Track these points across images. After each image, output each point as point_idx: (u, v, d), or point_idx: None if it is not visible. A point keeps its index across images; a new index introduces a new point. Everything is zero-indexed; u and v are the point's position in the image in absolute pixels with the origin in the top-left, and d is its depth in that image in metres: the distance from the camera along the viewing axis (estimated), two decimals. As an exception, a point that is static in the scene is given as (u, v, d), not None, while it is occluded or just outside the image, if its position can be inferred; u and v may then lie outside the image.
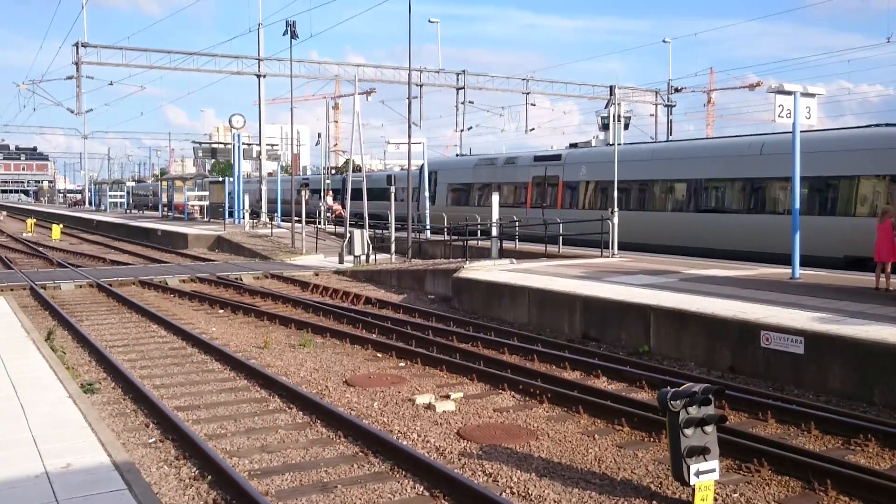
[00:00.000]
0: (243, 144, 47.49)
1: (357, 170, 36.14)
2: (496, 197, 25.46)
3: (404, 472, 7.56)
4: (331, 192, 47.80)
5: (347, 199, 31.76)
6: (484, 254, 23.84)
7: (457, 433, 8.90)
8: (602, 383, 11.21)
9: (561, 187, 29.86)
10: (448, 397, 10.29)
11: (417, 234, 29.73)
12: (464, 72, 49.39)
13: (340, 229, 34.97)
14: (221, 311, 17.74)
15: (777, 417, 9.30)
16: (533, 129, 54.74)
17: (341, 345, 14.01)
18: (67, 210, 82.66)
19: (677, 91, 54.64)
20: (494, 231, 24.41)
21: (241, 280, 22.71)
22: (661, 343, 12.85)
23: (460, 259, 22.80)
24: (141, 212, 69.30)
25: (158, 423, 9.08)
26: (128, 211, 70.96)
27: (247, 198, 43.57)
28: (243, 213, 42.59)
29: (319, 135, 72.45)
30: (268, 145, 47.17)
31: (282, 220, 42.83)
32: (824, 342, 10.49)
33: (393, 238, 26.95)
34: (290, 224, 32.28)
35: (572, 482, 7.44)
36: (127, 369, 11.53)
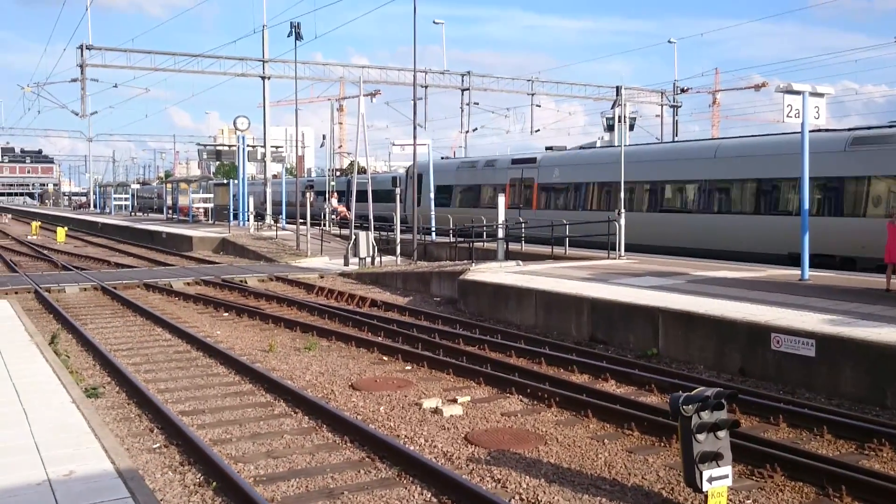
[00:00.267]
0: (248, 146, 47.50)
1: (362, 172, 36.04)
2: (502, 199, 25.39)
3: (412, 478, 7.45)
4: (336, 194, 47.72)
5: (352, 201, 31.70)
6: (490, 256, 23.74)
7: (464, 438, 8.79)
8: (611, 387, 11.09)
9: (536, 189, 31.00)
10: (455, 401, 10.18)
11: (422, 236, 29.63)
12: (469, 73, 49.34)
13: (345, 231, 34.91)
14: (226, 314, 17.66)
15: (789, 421, 9.17)
16: (538, 131, 54.66)
17: (347, 348, 13.91)
18: (72, 213, 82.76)
19: (683, 92, 54.49)
20: (500, 233, 24.31)
21: (246, 283, 22.64)
22: (670, 346, 12.73)
23: (466, 261, 22.72)
24: (146, 214, 69.39)
25: (163, 428, 8.99)
26: (132, 213, 71.06)
27: (251, 200, 43.61)
28: (248, 216, 42.59)
29: (324, 136, 72.28)
30: (272, 147, 47.19)
31: (286, 223, 42.79)
32: (836, 345, 10.36)
33: (398, 240, 26.86)
34: (295, 226, 32.22)
35: (582, 488, 7.32)
36: (131, 373, 11.44)
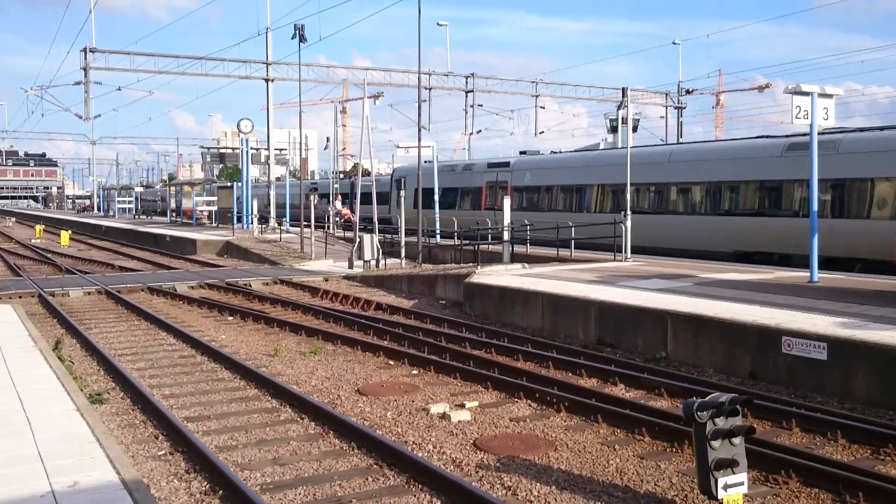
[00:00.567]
0: (251, 149, 47.47)
1: (366, 174, 35.97)
2: (507, 201, 25.24)
3: (420, 486, 7.34)
4: (339, 197, 47.65)
5: (357, 204, 31.61)
6: (495, 258, 23.63)
7: (473, 444, 8.68)
8: (620, 391, 10.97)
9: (510, 191, 32.29)
10: (463, 406, 10.07)
11: (427, 239, 29.54)
12: (472, 75, 49.23)
13: (350, 234, 34.82)
14: (231, 318, 17.57)
15: (802, 426, 9.04)
16: (542, 132, 54.53)
17: (353, 352, 13.81)
18: (76, 216, 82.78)
19: (688, 93, 54.33)
20: (506, 235, 24.20)
21: (251, 286, 22.55)
22: (679, 349, 12.61)
23: (471, 263, 22.62)
24: (149, 217, 69.37)
25: (168, 435, 8.89)
26: (136, 216, 71.05)
27: (255, 203, 43.48)
28: (252, 219, 42.50)
29: (328, 139, 72.37)
30: (276, 150, 47.11)
31: (290, 225, 42.70)
32: (848, 348, 10.23)
33: (403, 242, 26.76)
34: (299, 229, 32.13)
35: (594, 495, 7.21)
36: (136, 379, 11.34)
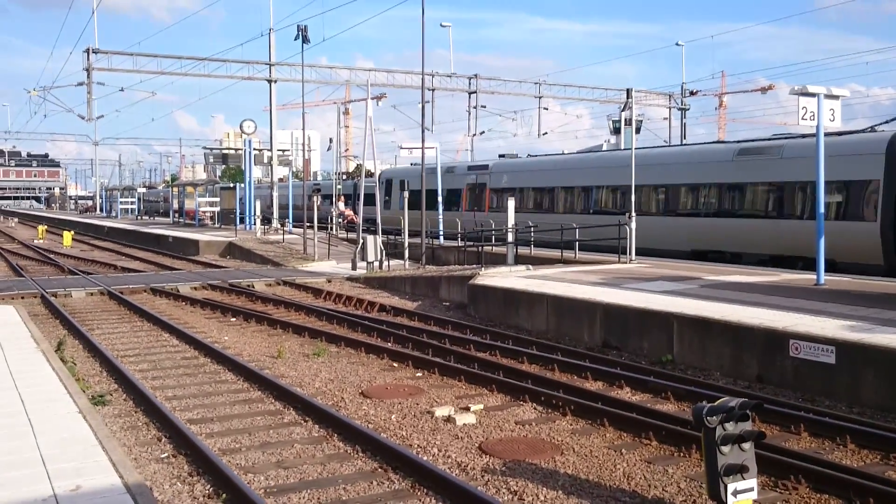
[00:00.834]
0: (254, 150, 47.40)
1: (369, 175, 35.90)
2: (511, 202, 25.19)
3: (426, 490, 7.26)
4: (342, 198, 47.59)
5: (360, 205, 31.54)
6: (499, 260, 23.55)
7: (478, 448, 8.60)
8: (626, 394, 10.89)
9: (488, 193, 33.57)
10: (468, 409, 9.99)
11: (430, 240, 29.49)
12: (476, 76, 49.19)
13: (353, 235, 34.76)
14: (234, 320, 17.50)
15: (811, 431, 8.96)
16: (545, 134, 54.44)
17: (356, 354, 13.73)
18: (78, 217, 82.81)
19: (692, 94, 54.24)
20: (510, 237, 24.13)
21: (254, 287, 22.49)
22: (685, 352, 12.52)
23: (475, 265, 22.55)
24: (152, 218, 69.35)
25: (171, 437, 8.82)
26: (139, 217, 71.05)
27: (258, 204, 43.43)
28: (255, 219, 42.46)
29: (331, 140, 72.22)
30: (279, 151, 47.06)
31: (293, 226, 42.66)
32: (857, 352, 10.14)
33: (406, 244, 26.69)
34: (302, 230, 32.06)
35: (601, 500, 7.13)
36: (138, 380, 11.29)
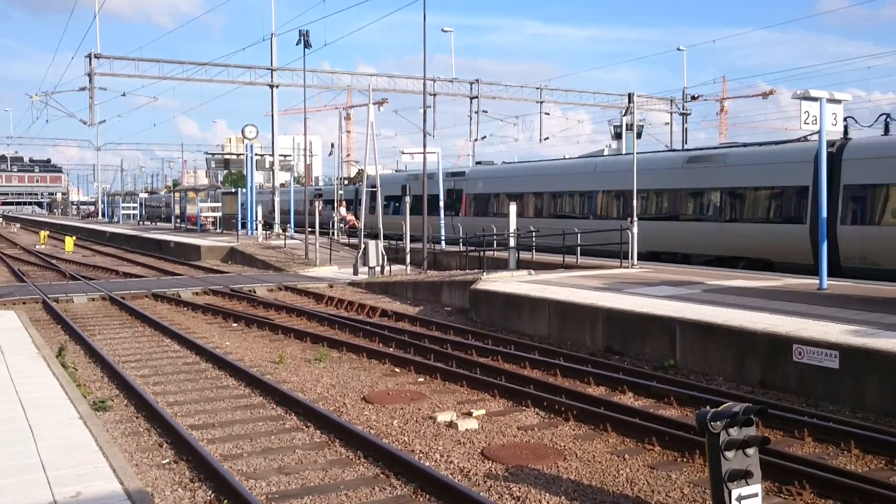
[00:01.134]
0: (256, 155, 47.39)
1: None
2: (513, 207, 25.17)
3: (428, 496, 7.23)
4: (344, 203, 47.60)
5: (362, 210, 31.53)
6: (500, 265, 23.50)
7: (481, 453, 8.57)
8: (628, 399, 10.85)
9: (464, 198, 35.13)
10: (470, 414, 9.96)
11: (432, 245, 29.47)
12: (477, 81, 49.21)
13: (354, 240, 34.74)
14: (235, 325, 17.48)
15: (814, 436, 8.92)
16: (547, 139, 54.45)
17: (358, 359, 13.70)
18: (81, 222, 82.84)
19: (693, 99, 54.24)
20: (512, 242, 24.09)
21: (255, 292, 22.47)
22: (688, 357, 12.48)
23: (477, 270, 22.49)
24: (154, 223, 69.37)
25: (172, 443, 8.79)
26: (141, 223, 71.03)
27: (260, 209, 43.44)
28: (256, 225, 42.45)
29: (332, 145, 72.26)
30: (280, 156, 47.03)
31: (295, 232, 42.64)
32: (860, 356, 10.10)
33: (408, 249, 26.66)
34: (304, 235, 32.05)
35: (605, 506, 7.09)
36: (140, 386, 11.26)
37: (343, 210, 44.83)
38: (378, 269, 25.37)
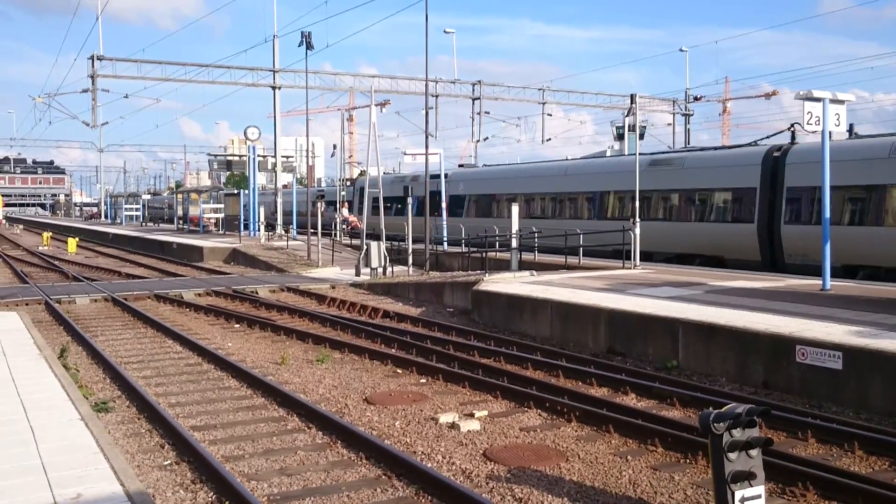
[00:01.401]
0: (258, 156, 47.40)
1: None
2: (515, 208, 25.15)
3: (430, 498, 7.21)
4: (346, 204, 47.59)
5: (364, 211, 31.51)
6: (502, 266, 23.49)
7: (483, 454, 8.54)
8: (631, 400, 10.82)
9: (446, 199, 35.42)
10: (472, 416, 9.94)
11: (434, 246, 29.45)
12: (479, 82, 49.18)
13: (356, 241, 34.72)
14: (237, 326, 17.47)
15: (818, 437, 8.88)
16: (549, 140, 54.43)
17: (360, 360, 13.69)
18: (83, 223, 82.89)
19: (696, 100, 54.17)
20: (514, 243, 24.07)
21: (257, 293, 22.47)
22: (690, 358, 12.45)
23: (479, 271, 22.47)
24: (156, 225, 69.44)
25: (174, 445, 8.78)
26: (143, 224, 71.11)
27: (262, 210, 43.45)
28: (259, 226, 42.47)
29: (335, 146, 72.22)
30: (283, 157, 47.04)
31: (297, 233, 42.64)
32: (864, 357, 10.06)
33: (410, 250, 26.64)
34: (306, 236, 32.05)
35: (607, 508, 7.07)
36: (142, 387, 11.24)
37: (345, 211, 44.83)
38: (380, 271, 25.36)
